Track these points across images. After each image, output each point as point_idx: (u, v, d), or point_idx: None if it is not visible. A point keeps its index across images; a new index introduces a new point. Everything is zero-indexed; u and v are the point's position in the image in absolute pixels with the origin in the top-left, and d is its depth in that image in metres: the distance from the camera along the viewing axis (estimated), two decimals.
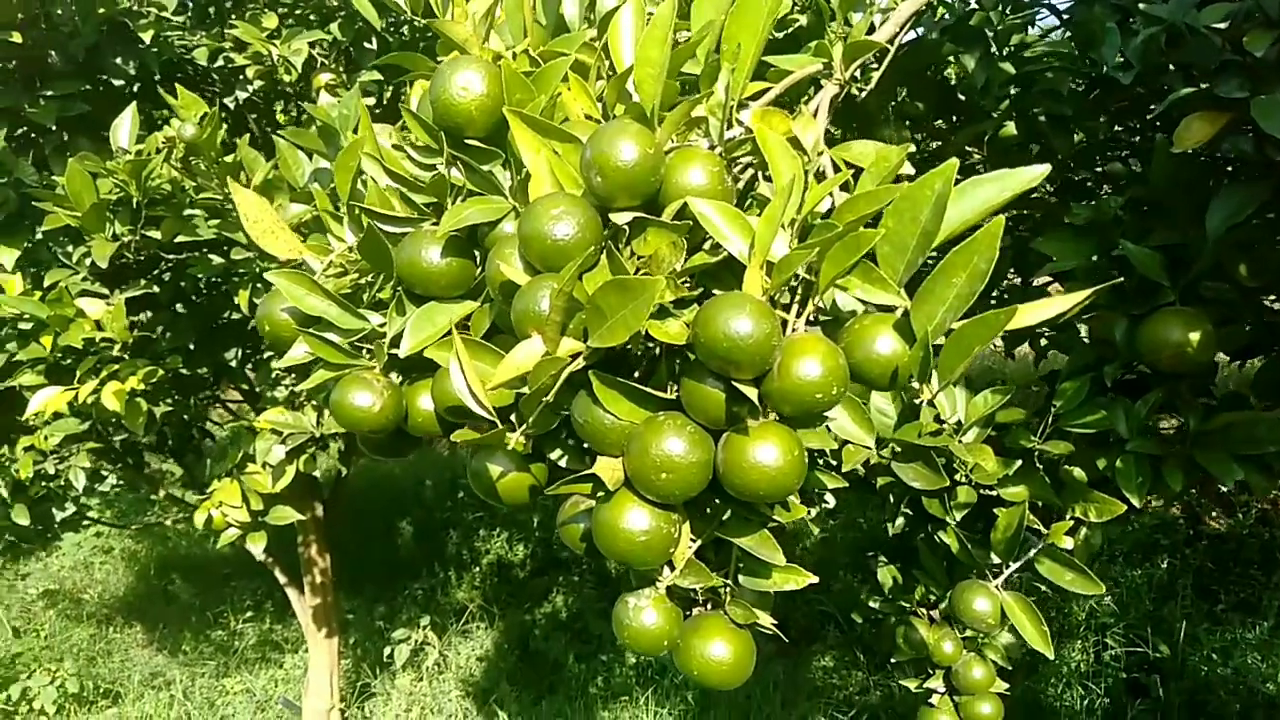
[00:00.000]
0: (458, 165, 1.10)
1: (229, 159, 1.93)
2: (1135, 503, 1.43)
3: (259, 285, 2.15)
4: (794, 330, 0.87)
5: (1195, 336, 1.38)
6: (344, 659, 5.21)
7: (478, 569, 6.63)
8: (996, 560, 1.46)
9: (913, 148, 0.89)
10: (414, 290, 1.14)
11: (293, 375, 2.75)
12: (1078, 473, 1.48)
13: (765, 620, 1.04)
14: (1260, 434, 1.42)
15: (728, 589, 1.05)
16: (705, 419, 0.89)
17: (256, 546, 2.71)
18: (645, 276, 0.82)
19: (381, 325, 1.16)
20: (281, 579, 4.18)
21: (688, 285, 0.92)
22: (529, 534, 6.95)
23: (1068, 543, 1.40)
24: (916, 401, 1.47)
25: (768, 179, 1.05)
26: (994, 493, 1.53)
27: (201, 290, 2.70)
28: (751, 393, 0.83)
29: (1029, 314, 0.76)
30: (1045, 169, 0.85)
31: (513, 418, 1.07)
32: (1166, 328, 1.41)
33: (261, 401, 2.88)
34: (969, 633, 1.96)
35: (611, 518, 0.92)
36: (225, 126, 2.31)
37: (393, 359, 1.17)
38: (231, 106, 2.86)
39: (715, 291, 0.93)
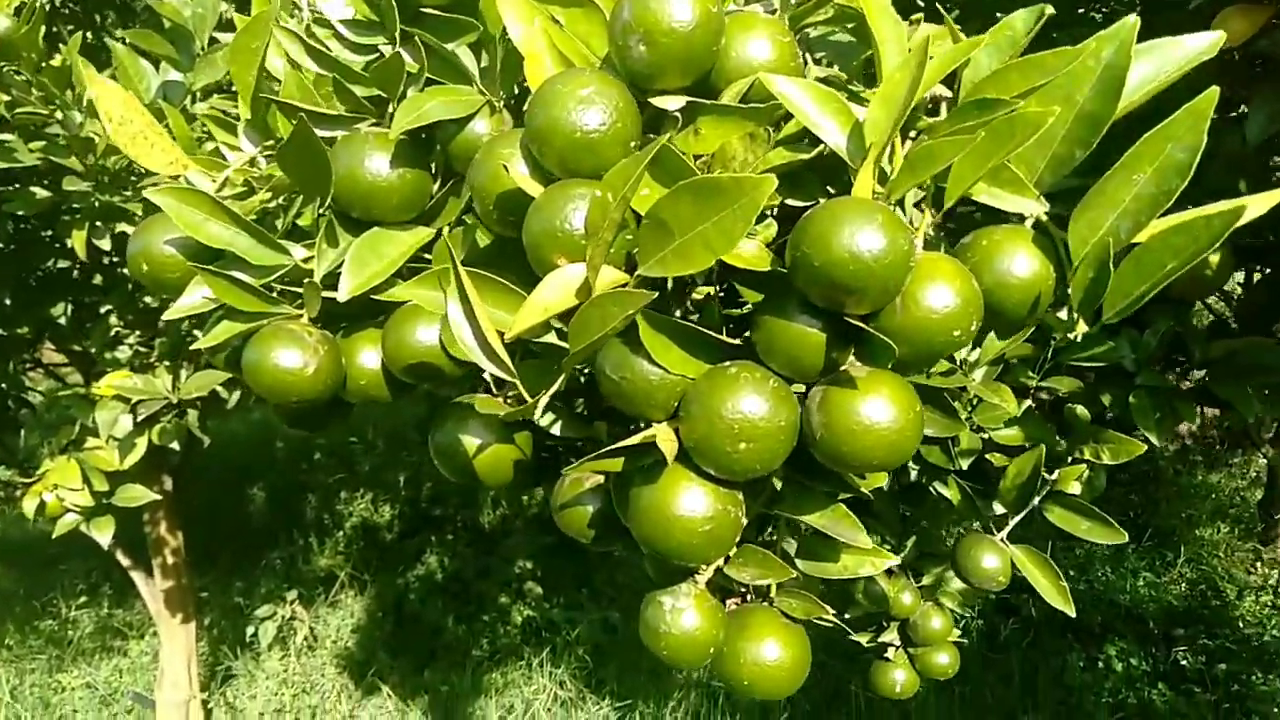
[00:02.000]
0: (410, 45, 0.83)
1: (54, 63, 1.54)
2: (1155, 440, 1.33)
3: (98, 224, 1.76)
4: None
5: (1214, 258, 1.27)
6: (199, 642, 4.77)
7: (341, 534, 6.22)
8: (1000, 511, 1.33)
9: (1050, 9, 0.69)
10: (350, 213, 0.87)
11: (138, 333, 2.34)
12: (1081, 411, 1.36)
13: (827, 612, 0.85)
14: (1270, 361, 1.34)
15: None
16: (790, 369, 0.68)
17: (103, 535, 2.32)
18: (742, 174, 0.59)
19: (307, 260, 0.88)
20: (125, 562, 3.72)
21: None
22: (395, 494, 6.58)
23: (1075, 488, 1.28)
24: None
25: (817, 61, 0.83)
26: (986, 436, 1.40)
27: (17, 232, 2.25)
28: (872, 329, 0.63)
29: (1256, 207, 0.59)
30: (1219, 36, 0.67)
31: (487, 376, 0.83)
32: None
33: (98, 364, 2.45)
34: (925, 581, 1.86)
35: (662, 501, 0.70)
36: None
37: (323, 304, 0.90)
38: (45, 7, 2.36)
39: (789, 202, 0.72)
